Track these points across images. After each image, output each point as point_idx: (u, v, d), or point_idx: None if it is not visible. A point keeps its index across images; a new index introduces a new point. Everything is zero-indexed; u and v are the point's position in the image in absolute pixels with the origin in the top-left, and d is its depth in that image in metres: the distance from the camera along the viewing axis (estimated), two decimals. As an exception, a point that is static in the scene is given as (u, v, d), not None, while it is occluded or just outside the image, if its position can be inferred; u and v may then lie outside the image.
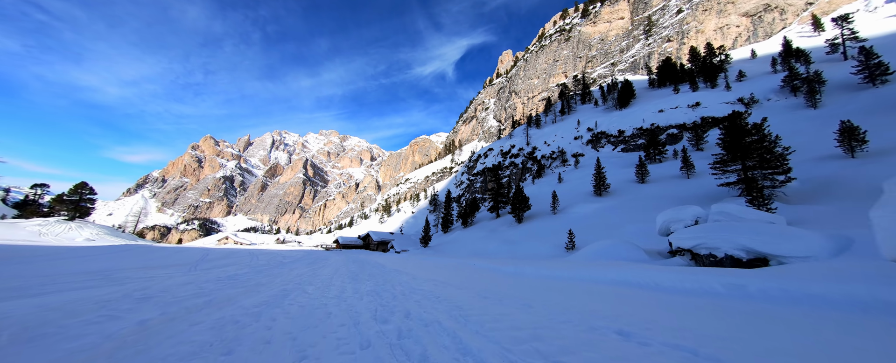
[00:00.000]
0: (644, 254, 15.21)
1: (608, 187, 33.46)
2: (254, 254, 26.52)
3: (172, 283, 7.30)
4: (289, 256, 25.35)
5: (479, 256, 29.29)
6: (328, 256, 30.00)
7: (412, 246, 50.57)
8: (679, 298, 6.15)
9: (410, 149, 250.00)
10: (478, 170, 78.16)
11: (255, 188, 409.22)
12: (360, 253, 42.76)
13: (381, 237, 57.18)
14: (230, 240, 72.26)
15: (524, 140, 72.51)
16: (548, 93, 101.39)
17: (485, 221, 46.75)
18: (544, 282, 10.35)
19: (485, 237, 35.47)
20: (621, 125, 54.22)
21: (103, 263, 11.50)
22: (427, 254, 37.04)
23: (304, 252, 37.27)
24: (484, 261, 25.35)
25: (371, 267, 19.25)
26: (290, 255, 26.82)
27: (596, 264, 11.79)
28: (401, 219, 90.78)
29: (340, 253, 39.67)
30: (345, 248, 58.77)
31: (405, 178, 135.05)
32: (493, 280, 11.08)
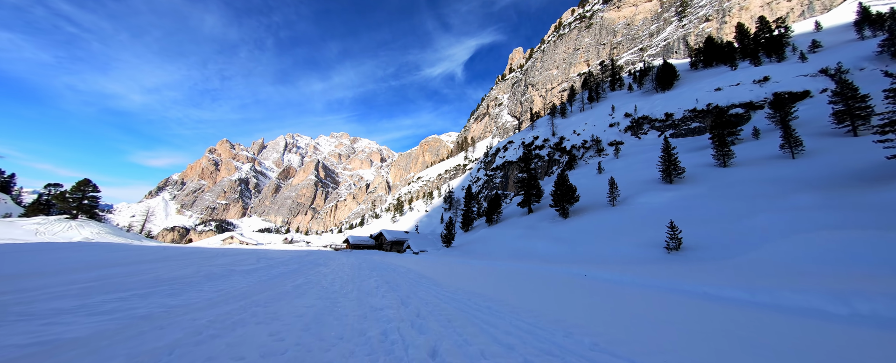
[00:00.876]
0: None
1: (682, 172, 26.14)
2: (238, 254, 20.26)
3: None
4: (280, 257, 19.04)
5: (524, 258, 22.51)
6: (334, 259, 23.62)
7: (430, 246, 43.91)
8: None
9: (421, 148, 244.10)
10: (497, 164, 71.13)
11: (269, 190, 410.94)
12: (373, 254, 36.42)
13: (395, 236, 50.69)
14: (235, 239, 67.16)
15: (549, 131, 65.24)
16: (568, 83, 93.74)
17: (515, 218, 39.77)
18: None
19: (523, 235, 28.54)
20: (668, 108, 46.55)
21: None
22: (452, 256, 30.42)
23: (306, 253, 31.05)
24: (536, 263, 18.48)
25: (389, 272, 12.83)
26: (282, 256, 20.50)
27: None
28: (414, 218, 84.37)
29: (350, 254, 33.40)
30: (356, 249, 52.55)
31: (417, 177, 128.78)
32: (612, 302, 4.20)
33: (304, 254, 29.26)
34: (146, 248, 21.86)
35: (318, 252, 35.25)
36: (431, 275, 13.63)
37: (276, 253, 27.36)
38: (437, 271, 15.82)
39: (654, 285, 9.79)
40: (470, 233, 44.55)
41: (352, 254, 35.89)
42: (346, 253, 36.56)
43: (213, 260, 13.73)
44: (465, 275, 13.69)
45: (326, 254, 29.85)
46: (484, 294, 7.89)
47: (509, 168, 66.93)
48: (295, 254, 27.53)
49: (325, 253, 34.21)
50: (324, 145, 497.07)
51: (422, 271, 15.47)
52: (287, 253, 30.13)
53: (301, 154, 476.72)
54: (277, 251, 34.75)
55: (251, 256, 18.08)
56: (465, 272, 15.76)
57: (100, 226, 49.04)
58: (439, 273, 14.91)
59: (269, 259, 17.19)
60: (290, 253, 30.47)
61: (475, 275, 13.55)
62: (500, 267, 18.53)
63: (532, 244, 25.11)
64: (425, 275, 12.88)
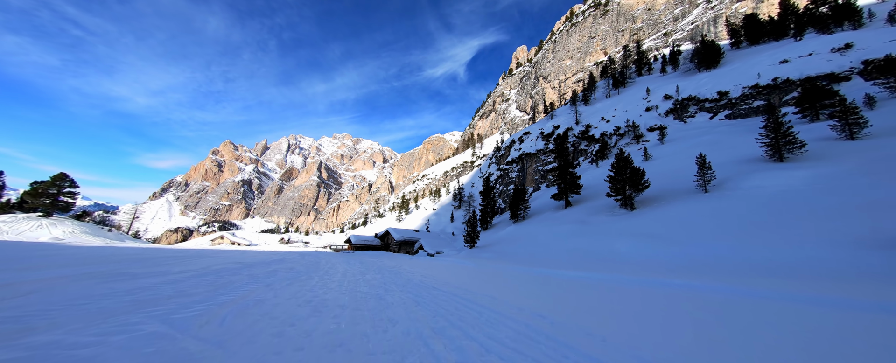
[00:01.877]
0: None
1: (801, 146, 19.05)
2: (212, 257, 13.39)
3: None
4: (257, 261, 12.24)
5: (593, 264, 15.53)
6: (331, 264, 16.76)
7: (446, 246, 36.89)
8: None
9: (424, 148, 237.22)
10: (513, 157, 64.13)
11: (272, 191, 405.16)
12: (380, 256, 29.45)
13: (404, 236, 43.65)
14: (225, 239, 60.15)
15: (571, 119, 58.29)
16: (584, 72, 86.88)
17: (548, 213, 32.75)
18: None
19: (576, 232, 21.55)
20: (720, 86, 39.56)
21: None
22: (482, 259, 23.51)
23: (299, 255, 24.19)
24: (627, 272, 11.58)
25: (417, 291, 4.74)
26: (259, 260, 13.66)
27: None
28: (422, 217, 77.40)
29: (353, 256, 26.48)
30: (359, 250, 45.67)
31: (422, 175, 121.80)
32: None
33: (295, 256, 22.33)
34: (108, 250, 15.09)
35: (315, 254, 28.33)
36: (493, 294, 6.80)
37: (261, 255, 20.50)
38: (493, 287, 8.94)
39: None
40: (492, 231, 37.54)
41: (354, 255, 28.94)
42: (347, 255, 29.67)
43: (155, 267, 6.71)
44: (559, 301, 6.77)
45: (323, 257, 22.92)
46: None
47: (528, 160, 59.94)
48: (283, 256, 20.64)
49: (322, 255, 27.28)
50: (326, 146, 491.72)
51: (465, 286, 8.67)
52: (275, 255, 23.21)
53: (304, 155, 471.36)
54: (266, 253, 27.86)
55: (221, 260, 11.16)
56: (537, 290, 8.86)
57: (76, 225, 42.44)
58: (503, 293, 8.01)
59: (239, 264, 10.27)
60: (280, 255, 23.55)
61: (584, 302, 6.61)
62: (590, 280, 11.55)
63: (600, 244, 18.08)
64: (480, 297, 5.95)
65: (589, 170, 44.89)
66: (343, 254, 30.50)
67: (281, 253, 30.54)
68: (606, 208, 24.53)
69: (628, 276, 11.02)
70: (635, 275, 11.08)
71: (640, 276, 10.85)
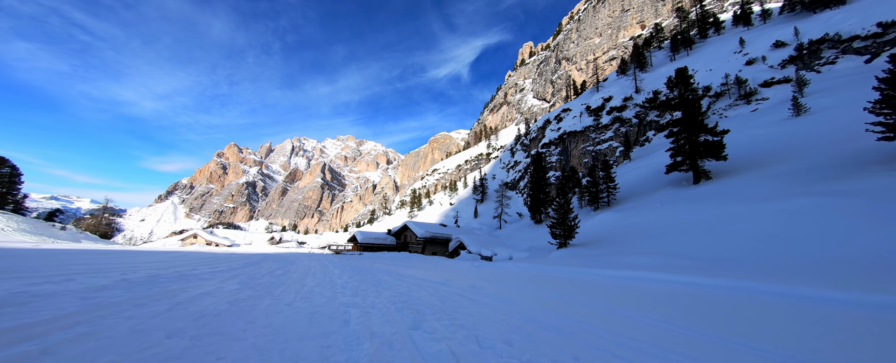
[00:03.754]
0: None
1: None
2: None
3: None
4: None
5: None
6: (306, 276, 4.11)
7: (496, 245, 24.40)
8: None
9: (429, 146, 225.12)
10: (550, 139, 51.73)
11: (276, 193, 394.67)
12: (403, 260, 17.05)
13: (429, 231, 30.97)
14: (199, 238, 47.50)
15: (628, 87, 46.01)
16: (617, 49, 74.96)
17: (667, 191, 20.33)
18: None
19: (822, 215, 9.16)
20: (878, 16, 27.25)
21: None
22: (630, 267, 10.89)
23: (273, 259, 12.09)
24: None
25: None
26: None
27: None
28: (438, 212, 65.02)
29: (359, 261, 13.94)
30: (367, 250, 33.38)
31: (432, 170, 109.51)
32: None
33: (257, 259, 9.97)
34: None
35: (298, 258, 16.04)
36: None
37: (210, 260, 8.13)
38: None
39: None
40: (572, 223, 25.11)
41: (360, 260, 16.60)
42: (348, 259, 17.33)
43: None
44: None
45: (303, 264, 10.52)
46: None
47: (572, 140, 47.51)
48: (245, 261, 8.27)
49: (308, 259, 14.95)
50: (330, 148, 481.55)
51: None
52: (236, 259, 10.91)
53: (307, 157, 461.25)
54: (230, 256, 15.73)
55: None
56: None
57: (11, 219, 30.81)
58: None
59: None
60: (242, 259, 11.25)
61: None
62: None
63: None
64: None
65: (667, 143, 32.68)
66: (345, 258, 18.18)
67: (254, 255, 18.24)
68: (814, 175, 12.11)
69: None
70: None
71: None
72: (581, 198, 29.01)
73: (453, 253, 25.52)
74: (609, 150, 41.94)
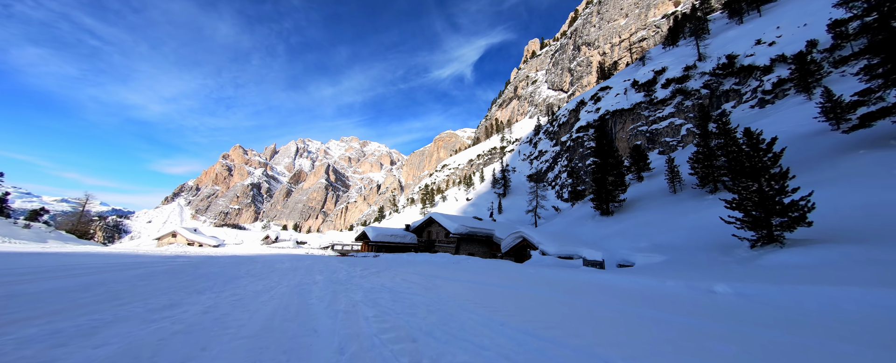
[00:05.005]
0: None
1: None
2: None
3: None
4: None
5: None
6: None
7: (574, 243, 16.67)
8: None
9: (434, 145, 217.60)
10: (589, 120, 43.86)
11: (281, 194, 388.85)
12: (467, 264, 8.86)
13: (469, 227, 22.91)
14: (179, 237, 39.69)
15: (689, 55, 38.13)
16: (647, 29, 67.32)
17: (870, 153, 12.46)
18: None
19: None
20: None
21: None
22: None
23: (245, 262, 4.63)
24: None
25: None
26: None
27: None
28: (455, 208, 57.27)
29: (380, 267, 6.34)
30: (385, 250, 25.71)
31: (441, 165, 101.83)
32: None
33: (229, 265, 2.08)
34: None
35: (286, 260, 8.52)
36: None
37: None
38: None
39: None
40: (650, 211, 17.37)
41: (386, 265, 8.94)
42: (362, 263, 9.76)
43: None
44: None
45: (282, 271, 2.60)
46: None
47: (617, 121, 39.61)
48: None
49: (297, 263, 7.34)
50: (334, 149, 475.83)
51: None
52: (203, 262, 3.19)
53: (312, 158, 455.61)
54: (201, 259, 8.26)
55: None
56: None
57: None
58: None
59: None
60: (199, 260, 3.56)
61: None
62: None
63: None
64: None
65: (769, 113, 25.12)
66: (353, 262, 10.61)
67: (221, 259, 10.67)
68: None
69: None
70: None
71: None
72: (672, 180, 21.25)
73: (517, 254, 17.71)
74: (669, 129, 34.04)
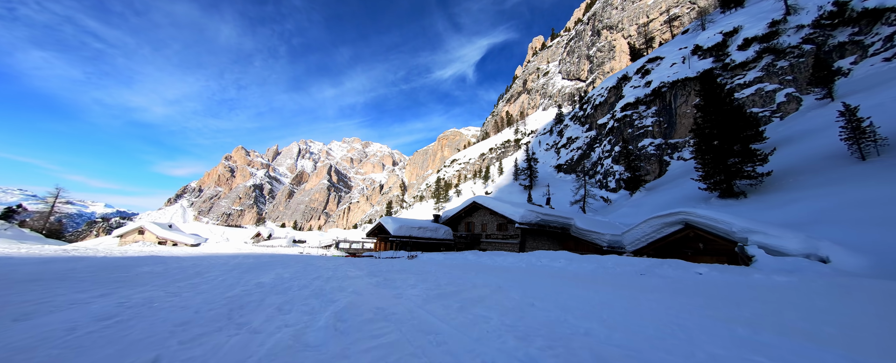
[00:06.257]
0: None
1: None
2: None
3: None
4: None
5: None
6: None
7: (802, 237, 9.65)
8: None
9: (438, 144, 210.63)
10: (634, 98, 36.77)
11: (283, 195, 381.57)
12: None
13: (541, 215, 15.77)
14: (147, 234, 32.23)
15: (770, 12, 31.03)
16: (680, 7, 60.57)
17: None
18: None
19: None
20: None
21: None
22: None
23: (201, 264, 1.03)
24: None
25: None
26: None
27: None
28: (474, 202, 50.14)
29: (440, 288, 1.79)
30: (408, 248, 18.56)
31: (451, 160, 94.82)
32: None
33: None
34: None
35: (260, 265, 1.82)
36: None
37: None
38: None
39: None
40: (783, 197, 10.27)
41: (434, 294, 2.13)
42: (381, 269, 2.86)
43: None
44: None
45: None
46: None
47: (679, 93, 32.45)
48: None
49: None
50: (336, 150, 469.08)
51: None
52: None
53: (314, 159, 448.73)
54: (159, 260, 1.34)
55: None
56: None
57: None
58: None
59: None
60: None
61: None
62: None
63: None
64: None
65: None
66: (385, 275, 3.68)
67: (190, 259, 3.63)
68: None
69: None
70: None
71: None
72: (856, 139, 14.15)
73: (671, 251, 10.62)
74: (758, 98, 26.92)
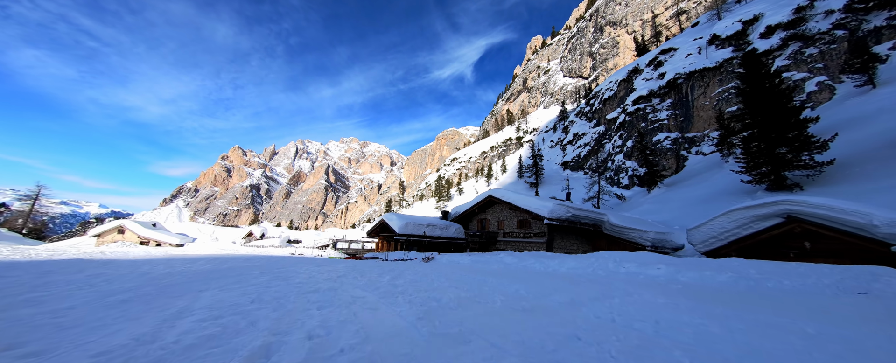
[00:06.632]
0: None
1: None
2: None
3: None
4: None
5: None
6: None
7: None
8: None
9: (437, 143, 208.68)
10: (647, 90, 35.11)
11: (280, 196, 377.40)
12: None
13: (572, 210, 13.78)
14: (128, 233, 29.23)
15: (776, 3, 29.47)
16: (686, 1, 59.20)
17: None
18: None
19: None
20: None
21: None
22: None
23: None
24: None
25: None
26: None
27: None
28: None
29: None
30: (416, 249, 16.53)
31: (451, 159, 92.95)
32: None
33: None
34: None
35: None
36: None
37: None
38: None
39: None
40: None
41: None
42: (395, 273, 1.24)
43: None
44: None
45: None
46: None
47: (695, 84, 30.79)
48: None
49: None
50: (334, 150, 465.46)
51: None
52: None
53: (311, 160, 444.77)
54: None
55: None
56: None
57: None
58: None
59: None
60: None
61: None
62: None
63: None
64: None
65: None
66: (377, 278, 1.88)
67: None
68: None
69: None
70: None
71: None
72: None
73: (765, 250, 8.86)
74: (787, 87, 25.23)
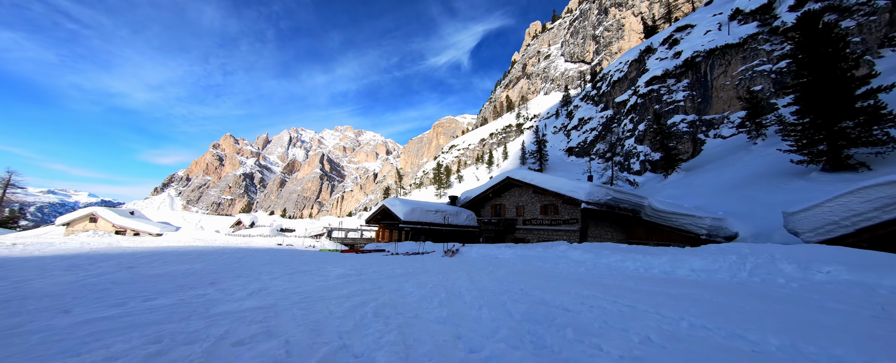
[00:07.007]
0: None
1: None
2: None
3: None
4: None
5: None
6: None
7: None
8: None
9: (434, 131, 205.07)
10: (662, 70, 33.00)
11: (274, 184, 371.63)
12: None
13: (611, 193, 12.10)
14: (100, 222, 26.58)
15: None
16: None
17: None
18: None
19: None
20: None
21: None
22: None
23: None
24: None
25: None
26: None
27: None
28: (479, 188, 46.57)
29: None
30: (423, 238, 14.46)
31: (450, 146, 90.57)
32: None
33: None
34: None
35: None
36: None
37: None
38: None
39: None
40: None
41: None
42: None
43: None
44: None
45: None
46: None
47: (716, 63, 28.75)
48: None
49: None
50: (328, 139, 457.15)
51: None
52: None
53: (306, 148, 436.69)
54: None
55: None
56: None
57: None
58: None
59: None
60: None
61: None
62: None
63: None
64: None
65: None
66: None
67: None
68: None
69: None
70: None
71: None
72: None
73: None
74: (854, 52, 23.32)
